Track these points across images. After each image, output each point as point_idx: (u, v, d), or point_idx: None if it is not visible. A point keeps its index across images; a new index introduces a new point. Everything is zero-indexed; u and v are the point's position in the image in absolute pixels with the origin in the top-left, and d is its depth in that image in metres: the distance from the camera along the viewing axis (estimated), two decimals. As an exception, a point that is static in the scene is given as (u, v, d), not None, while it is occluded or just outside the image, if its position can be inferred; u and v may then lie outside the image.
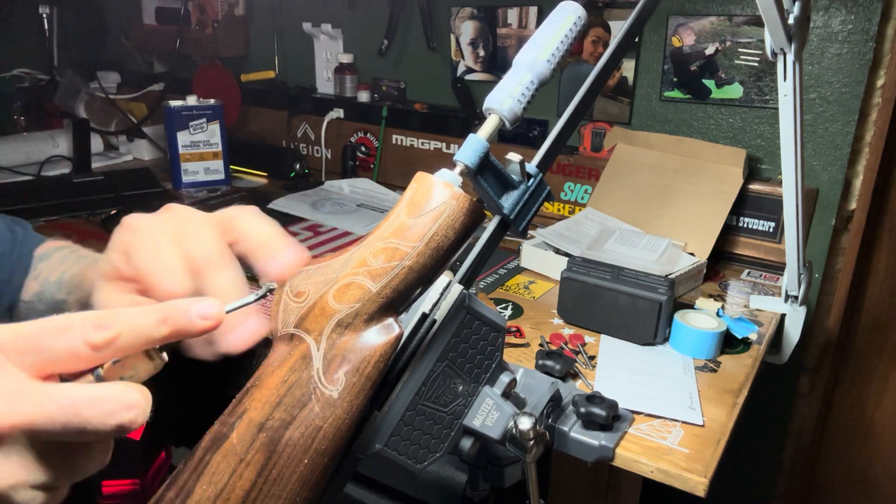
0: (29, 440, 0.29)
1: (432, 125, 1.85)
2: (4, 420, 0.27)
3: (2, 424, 0.27)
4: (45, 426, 0.28)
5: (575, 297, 1.11)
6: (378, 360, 0.39)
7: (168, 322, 0.32)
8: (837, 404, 1.59)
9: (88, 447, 0.31)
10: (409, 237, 0.40)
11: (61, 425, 0.28)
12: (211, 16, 2.07)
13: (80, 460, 0.31)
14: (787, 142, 0.93)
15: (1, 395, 0.28)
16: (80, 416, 0.28)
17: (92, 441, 0.31)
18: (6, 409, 0.28)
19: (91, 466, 0.32)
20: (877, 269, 1.48)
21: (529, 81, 0.43)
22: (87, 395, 0.29)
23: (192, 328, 0.32)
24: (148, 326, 0.31)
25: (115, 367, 0.31)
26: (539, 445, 0.47)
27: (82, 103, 2.20)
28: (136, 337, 0.31)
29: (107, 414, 0.29)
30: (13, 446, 0.28)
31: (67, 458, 0.31)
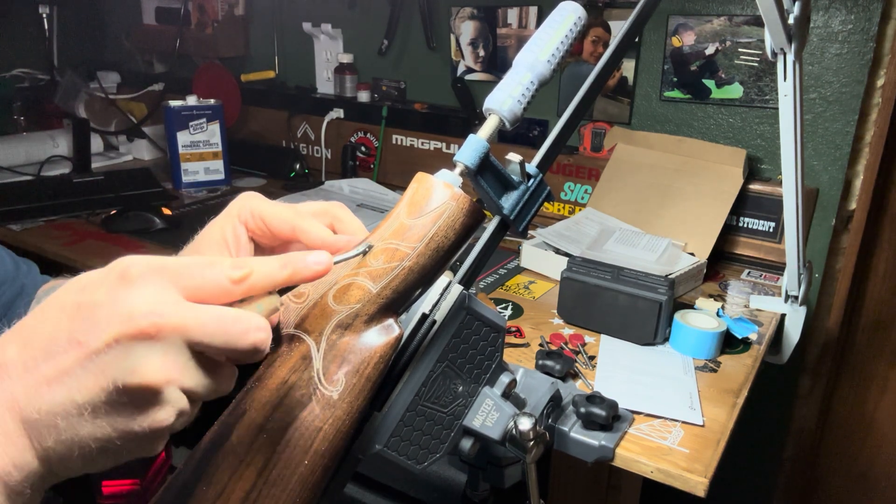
0: (184, 344, 0.33)
1: (432, 125, 1.85)
2: (168, 320, 0.32)
3: (166, 324, 0.32)
4: (198, 333, 0.33)
5: (575, 297, 1.11)
6: (378, 361, 0.39)
7: (288, 266, 0.37)
8: (837, 404, 1.59)
9: (222, 369, 0.36)
10: (409, 238, 0.40)
11: (210, 335, 0.33)
12: (211, 16, 2.07)
13: (217, 379, 0.35)
14: (787, 142, 0.93)
15: (165, 303, 0.33)
16: (226, 329, 0.34)
17: (227, 359, 0.35)
18: (170, 312, 0.32)
19: (223, 386, 0.36)
20: (877, 269, 1.48)
21: (529, 81, 0.43)
22: (231, 313, 0.34)
23: (306, 271, 0.37)
24: (273, 269, 0.37)
25: (243, 304, 0.36)
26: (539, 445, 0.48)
27: (82, 103, 2.20)
28: (264, 277, 0.36)
29: (245, 331, 0.34)
30: (172, 346, 0.33)
31: (208, 374, 0.35)
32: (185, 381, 0.33)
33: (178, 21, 2.08)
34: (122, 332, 0.32)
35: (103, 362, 0.32)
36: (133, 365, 0.32)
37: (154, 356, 0.32)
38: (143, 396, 0.32)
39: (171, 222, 1.56)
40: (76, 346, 0.32)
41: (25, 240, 1.49)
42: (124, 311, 0.32)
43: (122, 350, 0.32)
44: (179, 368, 0.33)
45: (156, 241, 1.49)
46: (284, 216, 0.46)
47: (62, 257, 1.42)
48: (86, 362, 0.32)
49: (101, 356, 0.32)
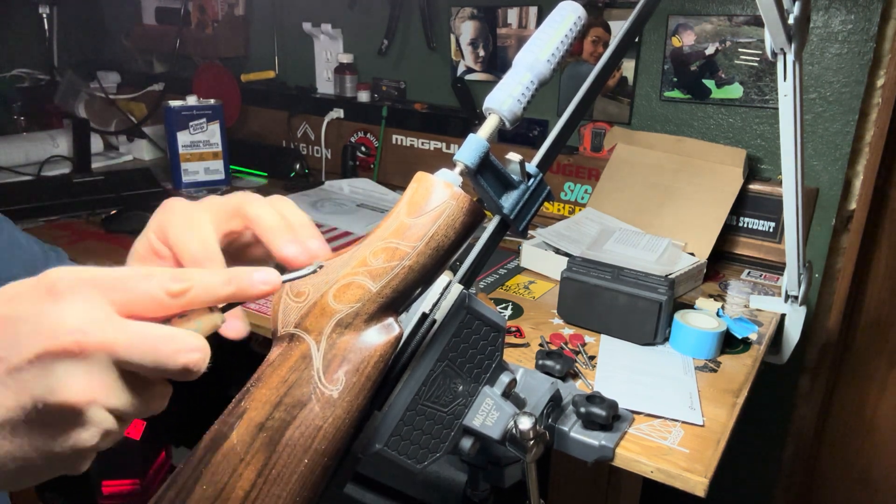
0: (110, 363, 0.32)
1: (432, 125, 1.85)
2: (93, 338, 0.31)
3: (90, 342, 0.31)
4: (125, 352, 0.32)
5: (575, 297, 1.11)
6: (378, 360, 0.39)
7: (233, 282, 0.35)
8: (837, 404, 1.59)
9: (153, 388, 0.35)
10: (409, 237, 0.40)
11: (139, 354, 0.32)
12: (211, 16, 2.07)
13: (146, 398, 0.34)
14: (787, 142, 0.93)
15: (93, 320, 0.31)
16: (156, 349, 0.32)
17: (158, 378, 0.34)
18: (96, 330, 0.31)
19: (154, 405, 0.35)
20: (877, 269, 1.48)
21: (529, 81, 0.43)
22: (161, 331, 0.33)
23: (252, 290, 0.36)
24: (216, 284, 0.35)
25: (181, 320, 0.35)
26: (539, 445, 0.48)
27: (82, 103, 2.20)
28: (205, 292, 0.34)
29: (176, 351, 0.32)
30: (96, 365, 0.31)
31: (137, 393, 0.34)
32: (110, 400, 0.32)
33: (178, 21, 2.08)
34: (44, 349, 0.30)
35: (23, 379, 0.31)
36: (54, 384, 0.31)
37: (77, 375, 0.31)
38: (64, 416, 0.31)
39: (171, 222, 1.56)
40: None
41: (25, 240, 1.48)
42: (48, 327, 0.31)
43: (43, 368, 0.31)
44: (104, 388, 0.32)
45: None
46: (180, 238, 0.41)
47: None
48: (5, 378, 0.31)
49: (22, 373, 0.31)
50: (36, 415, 0.31)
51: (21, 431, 0.32)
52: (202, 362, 0.33)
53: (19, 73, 2.22)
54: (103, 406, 0.32)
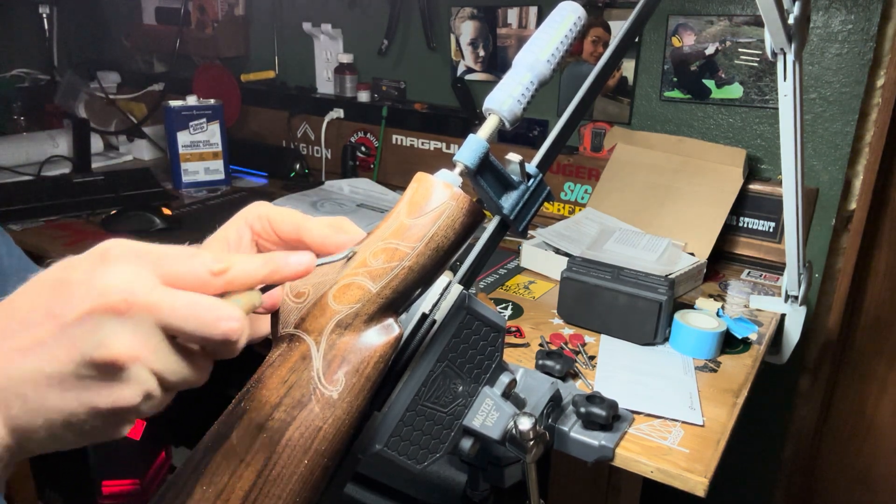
0: (155, 325, 0.33)
1: (432, 125, 1.85)
2: (140, 299, 0.33)
3: (137, 302, 0.33)
4: (169, 315, 0.33)
5: (575, 297, 1.11)
6: (378, 361, 0.39)
7: (269, 263, 0.37)
8: (837, 404, 1.59)
9: (195, 358, 0.36)
10: (408, 237, 0.40)
11: (182, 318, 0.33)
12: (211, 16, 2.07)
13: (189, 367, 0.36)
14: (787, 142, 0.93)
15: (140, 283, 0.33)
16: (198, 315, 0.34)
17: (203, 349, 0.36)
18: (143, 292, 0.33)
19: (195, 374, 0.36)
20: (877, 268, 1.48)
21: (529, 81, 0.43)
22: (205, 299, 0.34)
23: (287, 269, 0.38)
24: (254, 265, 0.37)
25: (222, 298, 0.36)
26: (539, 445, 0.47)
27: (82, 103, 2.20)
28: (244, 272, 0.36)
29: (217, 318, 0.34)
30: (142, 325, 0.33)
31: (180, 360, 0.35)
32: (152, 361, 0.34)
33: (178, 21, 2.08)
34: (94, 306, 0.32)
35: (74, 335, 0.32)
36: (102, 339, 0.32)
37: (123, 332, 0.33)
38: (109, 371, 0.33)
39: (171, 222, 1.56)
40: (51, 318, 0.33)
41: (25, 240, 1.49)
42: (99, 287, 0.33)
43: (93, 324, 0.32)
44: (148, 348, 0.33)
45: (156, 241, 1.48)
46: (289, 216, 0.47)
47: (62, 257, 1.42)
48: (58, 334, 0.33)
49: (73, 329, 0.32)
50: (84, 369, 0.33)
51: (69, 385, 0.33)
52: (241, 332, 0.35)
53: (19, 73, 2.22)
54: (146, 366, 0.34)
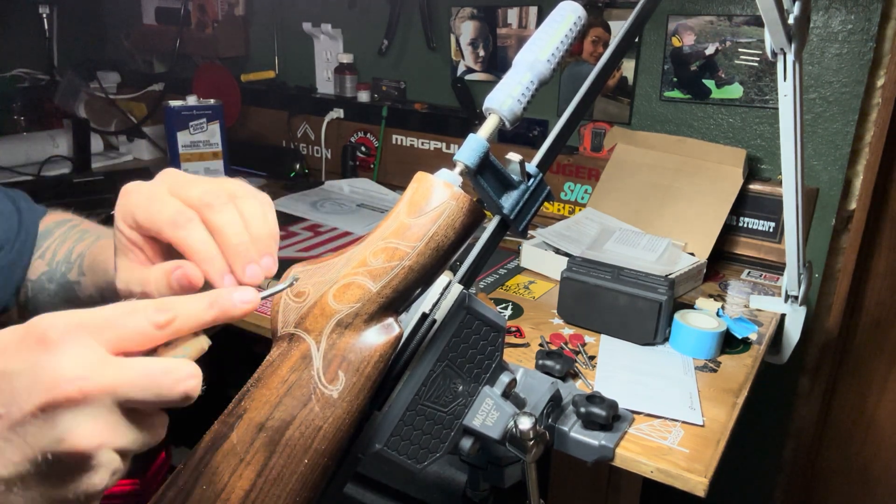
0: (113, 404, 0.32)
1: (432, 125, 1.85)
2: (95, 383, 0.31)
3: (93, 387, 0.31)
4: (127, 390, 0.32)
5: (575, 297, 1.11)
6: (378, 360, 0.39)
7: (215, 306, 0.36)
8: (837, 404, 1.59)
9: (153, 420, 0.35)
10: (409, 237, 0.40)
11: (141, 390, 0.32)
12: (211, 16, 2.07)
13: (148, 430, 0.35)
14: (787, 142, 0.93)
15: (90, 364, 0.32)
16: (156, 383, 0.33)
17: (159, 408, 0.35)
18: (96, 374, 0.31)
19: (155, 436, 0.35)
20: (877, 269, 1.48)
21: (529, 81, 0.43)
22: (158, 365, 0.33)
23: (234, 311, 0.37)
24: (199, 310, 0.36)
25: (167, 348, 0.35)
26: (539, 445, 0.47)
27: (82, 103, 2.20)
28: (189, 319, 0.35)
29: (175, 381, 0.33)
30: (101, 408, 0.32)
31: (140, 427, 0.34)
32: (117, 441, 0.32)
33: (178, 21, 2.08)
34: (46, 400, 0.30)
35: (27, 433, 0.31)
36: (61, 433, 0.31)
37: (83, 421, 0.31)
38: (74, 464, 0.32)
39: (171, 222, 1.56)
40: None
41: (25, 240, 1.48)
42: (47, 379, 0.31)
43: (47, 419, 0.31)
44: (111, 430, 0.32)
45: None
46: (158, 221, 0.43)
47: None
48: (9, 434, 0.31)
49: (26, 427, 0.31)
50: (45, 466, 0.31)
51: (32, 484, 0.32)
52: (198, 387, 0.34)
53: (19, 73, 2.22)
54: (111, 447, 0.32)
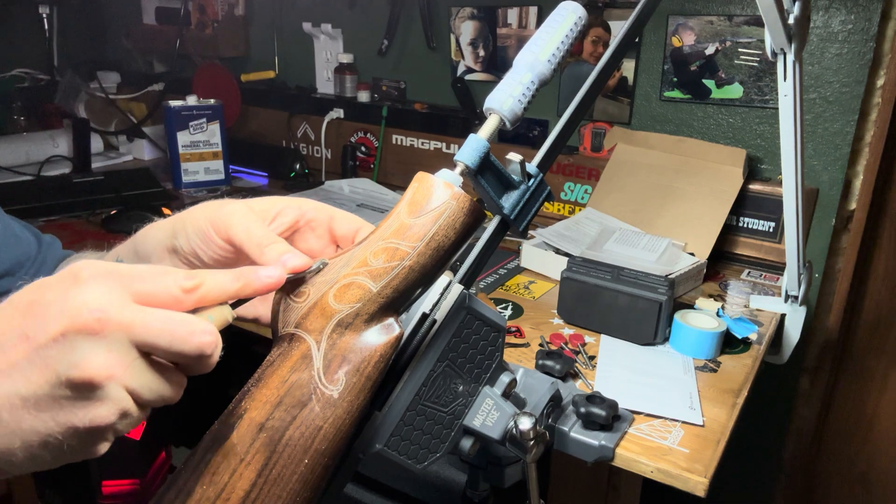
0: (130, 343, 0.34)
1: (432, 125, 1.85)
2: (113, 317, 0.33)
3: (110, 320, 0.33)
4: (143, 332, 0.34)
5: (575, 297, 1.11)
6: (378, 360, 0.39)
7: (241, 279, 0.38)
8: (837, 404, 1.59)
9: (170, 374, 0.36)
10: (409, 237, 0.40)
11: (156, 335, 0.34)
12: (211, 16, 2.07)
13: (164, 383, 0.36)
14: (787, 142, 0.93)
15: (112, 302, 0.34)
16: (172, 330, 0.34)
17: (177, 361, 0.36)
18: (116, 311, 0.33)
19: (170, 391, 0.36)
20: (877, 269, 1.48)
21: (530, 81, 0.43)
22: (177, 315, 0.35)
23: (258, 283, 0.39)
24: (225, 281, 0.38)
25: (194, 314, 0.36)
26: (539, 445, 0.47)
27: (82, 103, 2.20)
28: (215, 287, 0.37)
29: (191, 333, 0.34)
30: (116, 344, 0.33)
31: (155, 377, 0.35)
32: (127, 379, 0.34)
33: (178, 21, 2.08)
34: (67, 326, 0.33)
35: (48, 356, 0.33)
36: (77, 359, 0.33)
37: (98, 352, 0.33)
38: (84, 390, 0.33)
39: (171, 222, 1.56)
40: (24, 340, 0.33)
41: (25, 240, 1.48)
42: (72, 308, 0.33)
43: (67, 344, 0.33)
44: (123, 366, 0.33)
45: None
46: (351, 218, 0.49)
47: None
48: (32, 356, 0.33)
49: (47, 350, 0.33)
50: (59, 389, 0.33)
51: (45, 405, 0.33)
52: (215, 346, 0.35)
53: (19, 73, 2.22)
54: (121, 384, 0.34)
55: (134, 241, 0.52)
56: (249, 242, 0.45)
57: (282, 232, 0.49)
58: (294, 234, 0.51)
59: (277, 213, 0.49)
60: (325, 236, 0.51)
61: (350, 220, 0.50)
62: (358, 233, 0.50)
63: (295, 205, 0.50)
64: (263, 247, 0.44)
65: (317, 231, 0.51)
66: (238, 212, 0.47)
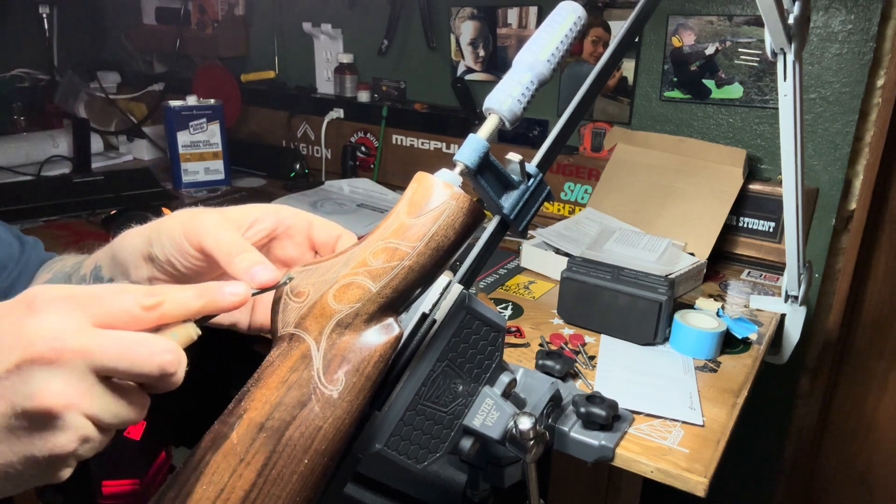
0: (87, 369, 0.33)
1: (432, 125, 1.85)
2: (69, 345, 0.32)
3: (66, 349, 0.32)
4: (101, 357, 0.33)
5: (575, 297, 1.11)
6: (378, 360, 0.39)
7: (204, 296, 0.37)
8: (837, 404, 1.59)
9: (131, 396, 0.35)
10: (409, 237, 0.40)
11: (115, 357, 0.33)
12: (211, 16, 2.07)
13: (126, 405, 0.35)
14: (787, 142, 0.93)
15: (68, 329, 0.33)
16: (131, 351, 0.33)
17: (138, 382, 0.35)
18: (72, 338, 0.33)
19: (132, 413, 0.35)
20: (877, 269, 1.48)
21: (529, 81, 0.43)
22: (135, 336, 0.34)
23: (223, 301, 0.38)
24: (187, 298, 0.37)
25: (156, 333, 0.36)
26: (539, 445, 0.47)
27: (82, 103, 2.20)
28: (177, 305, 0.36)
29: (151, 353, 0.34)
30: (73, 371, 0.33)
31: (116, 400, 0.34)
32: (86, 406, 0.33)
33: (178, 21, 2.08)
34: (22, 358, 0.32)
35: (3, 388, 0.32)
36: (32, 390, 0.32)
37: (54, 381, 0.32)
38: (42, 421, 0.32)
39: (171, 222, 1.56)
40: None
41: (25, 240, 1.48)
42: (25, 337, 0.32)
43: (22, 376, 0.32)
44: (81, 394, 0.33)
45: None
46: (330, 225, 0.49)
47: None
48: None
49: (2, 382, 0.32)
50: (16, 421, 0.32)
51: (2, 437, 0.33)
52: (177, 364, 0.35)
53: (19, 73, 2.22)
54: (80, 411, 0.33)
55: (112, 247, 0.51)
56: (219, 251, 0.44)
57: (259, 239, 0.49)
58: (272, 242, 0.50)
59: (254, 220, 0.48)
60: (304, 243, 0.50)
61: (329, 227, 0.50)
62: (338, 240, 0.49)
63: (272, 211, 0.49)
64: (233, 256, 0.43)
65: (295, 238, 0.50)
66: (211, 220, 0.46)
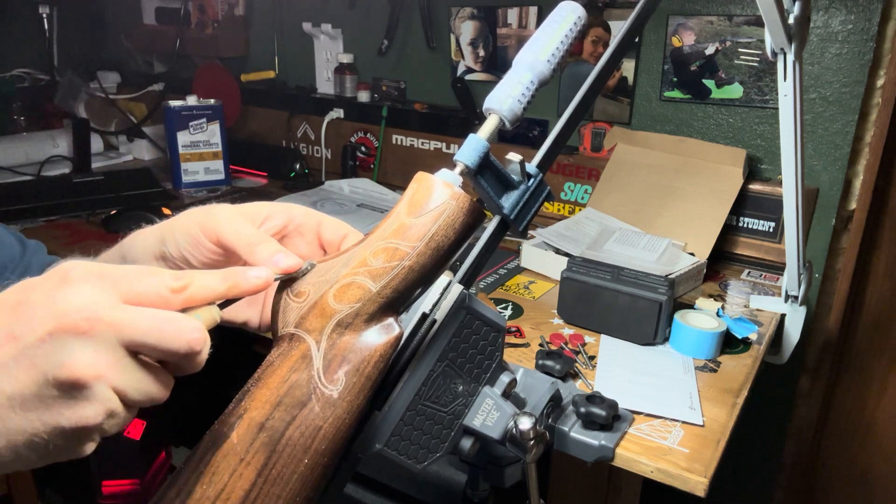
0: (118, 343, 0.34)
1: (432, 125, 1.85)
2: (101, 317, 0.33)
3: (99, 320, 0.33)
4: (131, 331, 0.34)
5: (575, 297, 1.11)
6: (378, 360, 0.39)
7: (228, 279, 0.38)
8: (837, 404, 1.59)
9: (158, 374, 0.36)
10: (409, 237, 0.40)
11: (144, 332, 0.34)
12: (211, 16, 2.07)
13: (152, 383, 0.36)
14: (787, 142, 0.93)
15: (101, 302, 0.34)
16: (160, 328, 0.34)
17: (165, 360, 0.36)
18: (105, 311, 0.33)
19: (158, 391, 0.36)
20: (877, 269, 1.48)
21: (529, 81, 0.43)
22: (164, 314, 0.35)
23: (246, 284, 0.39)
24: (213, 282, 0.38)
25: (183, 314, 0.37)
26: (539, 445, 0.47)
27: (82, 103, 2.20)
28: (203, 287, 0.37)
29: (179, 331, 0.35)
30: (104, 344, 0.33)
31: (142, 376, 0.35)
32: (115, 379, 0.34)
33: (178, 21, 2.08)
34: (55, 326, 0.33)
35: (35, 355, 0.33)
36: (64, 359, 0.33)
37: (85, 351, 0.33)
38: (71, 390, 0.33)
39: (171, 222, 1.56)
40: (11, 340, 0.33)
41: (25, 240, 1.49)
42: (60, 308, 0.33)
43: (54, 344, 0.33)
44: (110, 366, 0.34)
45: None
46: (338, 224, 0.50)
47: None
48: (19, 355, 0.33)
49: (34, 350, 0.33)
50: (46, 389, 0.33)
51: (31, 405, 0.33)
52: (203, 344, 0.36)
53: (19, 73, 2.22)
54: (108, 384, 0.34)
55: (120, 248, 0.52)
56: (240, 242, 0.45)
57: (271, 236, 0.49)
58: (283, 239, 0.51)
59: (266, 217, 0.49)
60: (314, 241, 0.51)
61: (337, 225, 0.51)
62: (344, 239, 0.50)
63: (283, 209, 0.50)
64: (254, 245, 0.44)
65: (305, 236, 0.51)
66: (227, 214, 0.47)
